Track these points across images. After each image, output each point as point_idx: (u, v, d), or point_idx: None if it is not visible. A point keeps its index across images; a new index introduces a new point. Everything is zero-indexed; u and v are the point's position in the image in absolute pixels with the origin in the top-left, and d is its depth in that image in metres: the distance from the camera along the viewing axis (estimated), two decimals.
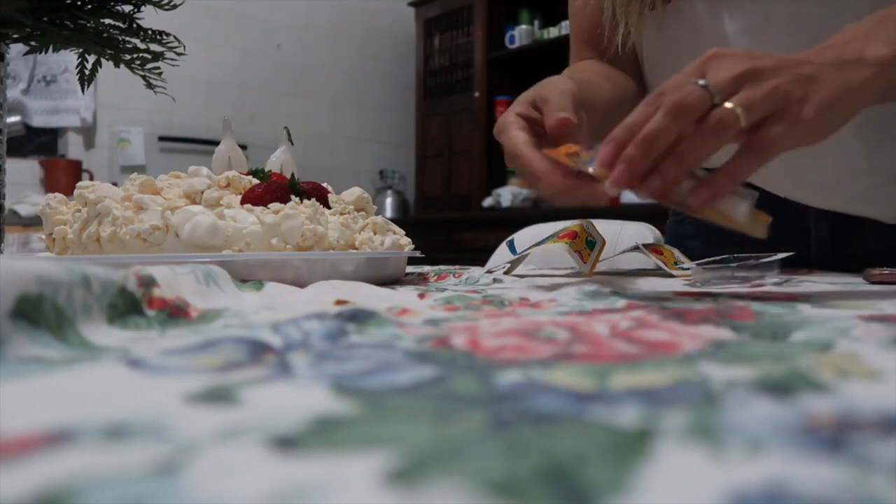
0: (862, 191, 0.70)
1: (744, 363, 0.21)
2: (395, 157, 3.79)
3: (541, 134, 0.49)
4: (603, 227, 0.77)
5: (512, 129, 0.48)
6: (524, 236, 1.20)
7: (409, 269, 0.69)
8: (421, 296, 0.43)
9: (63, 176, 2.66)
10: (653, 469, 0.12)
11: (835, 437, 0.14)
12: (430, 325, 0.29)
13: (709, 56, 0.39)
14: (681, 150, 0.37)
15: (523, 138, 0.47)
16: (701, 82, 0.37)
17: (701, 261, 0.63)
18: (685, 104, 0.37)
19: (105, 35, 0.66)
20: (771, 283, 0.53)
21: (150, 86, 0.71)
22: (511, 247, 0.74)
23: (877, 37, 0.43)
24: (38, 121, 2.72)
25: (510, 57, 3.27)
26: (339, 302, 0.35)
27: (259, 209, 0.50)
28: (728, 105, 0.37)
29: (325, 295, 0.39)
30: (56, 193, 0.57)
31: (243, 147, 0.77)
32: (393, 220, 0.64)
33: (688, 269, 0.60)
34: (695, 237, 0.83)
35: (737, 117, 0.37)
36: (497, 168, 3.28)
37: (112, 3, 0.65)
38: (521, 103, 0.51)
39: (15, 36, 0.64)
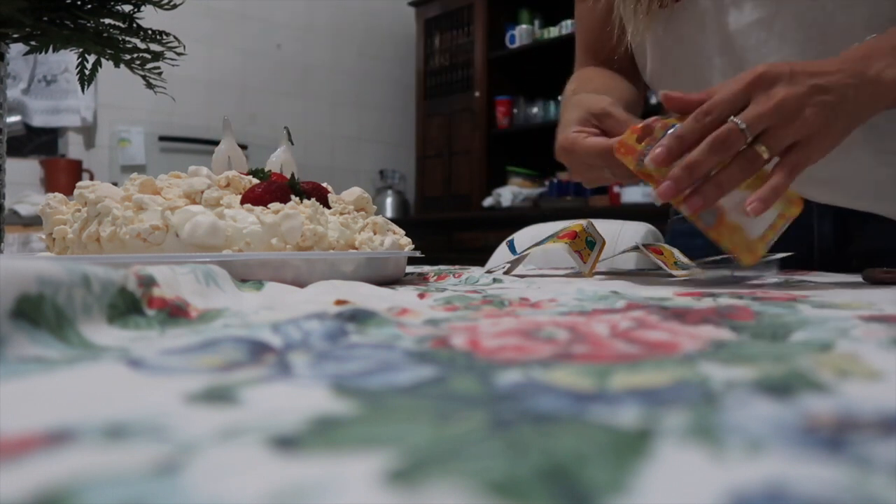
0: (868, 185, 0.70)
1: (744, 363, 0.21)
2: (395, 157, 3.79)
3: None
4: (603, 227, 0.77)
5: (582, 138, 0.56)
6: (524, 236, 1.20)
7: (409, 269, 0.69)
8: (421, 296, 0.43)
9: (63, 176, 2.66)
10: (653, 469, 0.12)
11: (835, 437, 0.14)
12: (430, 325, 0.29)
13: (757, 77, 0.46)
14: (719, 179, 0.46)
15: (602, 140, 0.55)
16: (741, 125, 0.45)
17: (700, 260, 0.63)
18: (725, 143, 0.45)
19: (105, 35, 0.66)
20: (771, 282, 0.53)
21: (150, 86, 0.71)
22: (511, 247, 0.74)
23: (891, 58, 0.50)
24: (38, 120, 2.72)
25: (510, 57, 3.27)
26: (339, 302, 0.35)
27: (259, 209, 0.50)
28: (759, 147, 0.46)
29: (325, 295, 0.39)
30: (56, 193, 0.57)
31: (243, 147, 0.77)
32: (393, 220, 0.64)
33: (687, 268, 0.60)
34: (696, 236, 0.83)
35: (764, 156, 0.46)
36: (497, 168, 3.28)
37: (112, 3, 0.65)
38: (573, 125, 0.58)
39: (15, 36, 0.64)
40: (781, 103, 0.45)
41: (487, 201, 3.19)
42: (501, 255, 1.24)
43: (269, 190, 0.52)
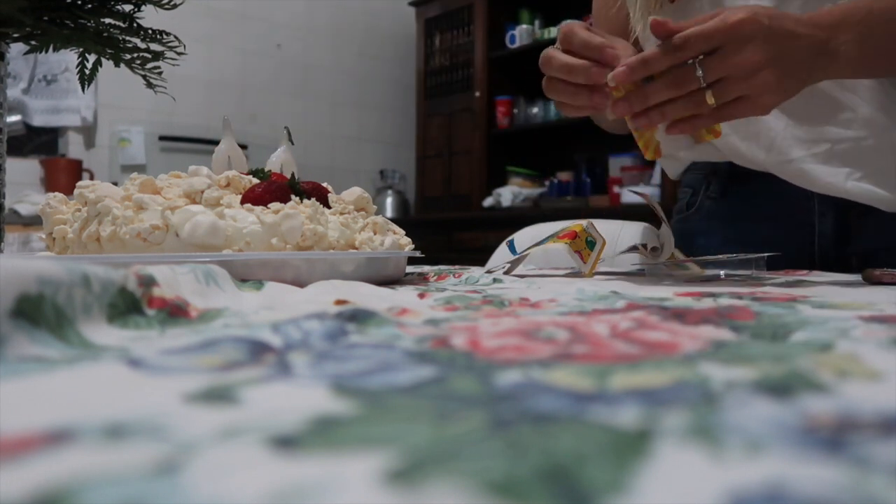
0: (871, 159, 0.70)
1: (744, 363, 0.21)
2: (395, 156, 3.79)
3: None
4: (603, 227, 0.77)
5: (558, 53, 0.59)
6: (524, 236, 1.20)
7: (409, 269, 0.69)
8: (421, 296, 0.43)
9: (63, 175, 2.66)
10: (653, 469, 0.12)
11: (834, 437, 0.14)
12: (430, 325, 0.29)
13: (737, 24, 0.50)
14: (664, 109, 0.53)
15: (570, 58, 0.57)
16: (699, 72, 0.50)
17: (699, 258, 0.63)
18: (681, 84, 0.51)
19: (105, 34, 0.66)
20: (770, 282, 0.53)
21: (150, 85, 0.71)
22: (511, 247, 0.74)
23: (854, 33, 0.55)
24: (38, 120, 2.72)
25: (510, 56, 3.26)
26: (339, 302, 0.35)
27: (259, 209, 0.50)
28: (707, 93, 0.51)
29: (325, 295, 0.39)
30: (56, 193, 0.57)
31: (243, 147, 0.77)
32: (393, 220, 0.64)
33: (686, 268, 0.60)
34: (697, 235, 0.83)
35: (710, 101, 0.51)
36: (497, 168, 3.28)
37: (112, 3, 0.65)
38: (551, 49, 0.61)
39: (15, 35, 0.64)
40: (744, 63, 0.50)
41: (487, 201, 3.19)
42: (501, 255, 1.24)
43: (269, 190, 0.52)
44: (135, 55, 0.68)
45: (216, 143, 0.63)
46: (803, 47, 0.53)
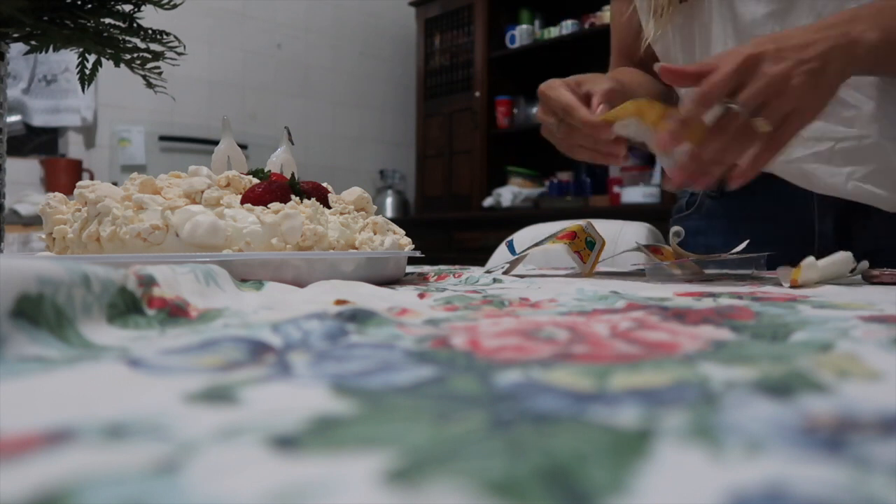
0: (872, 158, 0.70)
1: (744, 363, 0.21)
2: (395, 156, 3.79)
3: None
4: (603, 227, 0.77)
5: (563, 89, 0.61)
6: (524, 236, 1.20)
7: (409, 269, 0.69)
8: (421, 296, 0.43)
9: (63, 175, 2.66)
10: (652, 469, 0.12)
11: (834, 437, 0.14)
12: (430, 325, 0.29)
13: (745, 59, 0.50)
14: (724, 157, 0.52)
15: (570, 97, 0.60)
16: (737, 108, 0.51)
17: (698, 257, 0.63)
18: (727, 126, 0.51)
19: (105, 34, 0.66)
20: (770, 283, 0.54)
21: (150, 85, 0.71)
22: (510, 247, 0.74)
23: (870, 22, 0.55)
24: (38, 120, 2.72)
25: (511, 57, 3.26)
26: (339, 302, 0.35)
27: (259, 209, 0.50)
28: (757, 121, 0.51)
29: (325, 295, 0.39)
30: (56, 193, 0.57)
31: (243, 147, 0.77)
32: (393, 220, 0.64)
33: (687, 267, 0.60)
34: (697, 235, 0.83)
35: (765, 129, 0.51)
36: (497, 168, 3.28)
37: (112, 3, 0.65)
38: (560, 82, 0.63)
39: (15, 35, 0.64)
40: (771, 81, 0.50)
41: (487, 201, 3.19)
42: (501, 255, 1.24)
43: (270, 190, 0.52)
44: (135, 55, 0.68)
45: (216, 143, 0.63)
46: (821, 46, 0.52)
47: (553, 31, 3.09)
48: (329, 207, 0.56)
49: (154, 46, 0.69)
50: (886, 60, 0.59)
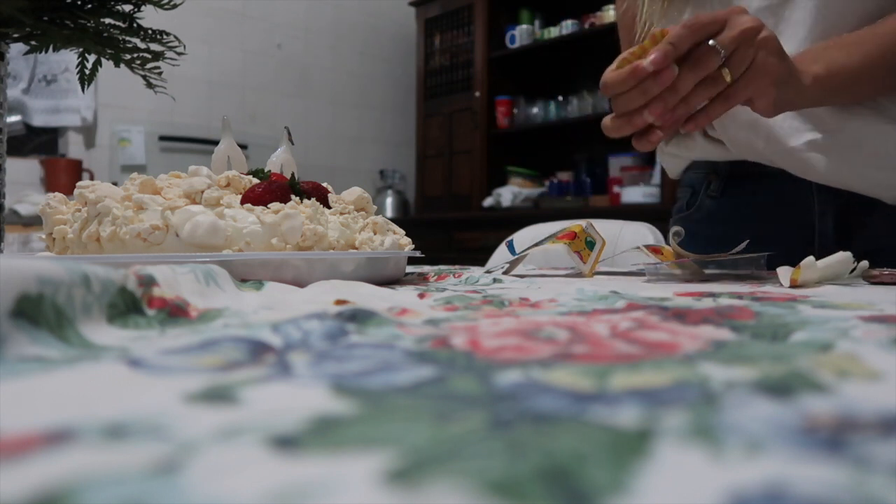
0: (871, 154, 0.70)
1: (744, 363, 0.21)
2: (395, 156, 3.79)
3: None
4: (603, 227, 0.77)
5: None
6: (524, 236, 1.20)
7: (409, 269, 0.69)
8: (421, 296, 0.43)
9: (63, 175, 2.66)
10: (652, 469, 0.12)
11: (834, 437, 0.14)
12: (430, 325, 0.29)
13: (733, 9, 0.55)
14: (690, 98, 0.56)
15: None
16: (711, 42, 0.54)
17: (698, 257, 0.63)
18: (705, 64, 0.54)
19: (105, 34, 0.66)
20: (771, 283, 0.54)
21: (150, 85, 0.71)
22: (510, 247, 0.74)
23: (822, 59, 0.62)
24: (38, 120, 2.72)
25: (511, 56, 3.27)
26: (339, 302, 0.35)
27: (259, 209, 0.50)
28: (724, 72, 0.55)
29: (325, 295, 0.39)
30: (56, 193, 0.57)
31: (243, 147, 0.77)
32: (393, 220, 0.64)
33: (686, 267, 0.60)
34: (698, 235, 0.83)
35: (727, 79, 0.56)
36: (497, 168, 3.28)
37: (112, 3, 0.65)
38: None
39: (15, 35, 0.64)
40: (748, 27, 0.55)
41: (487, 201, 3.19)
42: (501, 255, 1.24)
43: (269, 190, 0.52)
44: (135, 55, 0.68)
45: (216, 143, 0.63)
46: (783, 69, 0.58)
47: (553, 31, 3.09)
48: (329, 207, 0.56)
49: (154, 46, 0.69)
50: (824, 97, 0.64)
